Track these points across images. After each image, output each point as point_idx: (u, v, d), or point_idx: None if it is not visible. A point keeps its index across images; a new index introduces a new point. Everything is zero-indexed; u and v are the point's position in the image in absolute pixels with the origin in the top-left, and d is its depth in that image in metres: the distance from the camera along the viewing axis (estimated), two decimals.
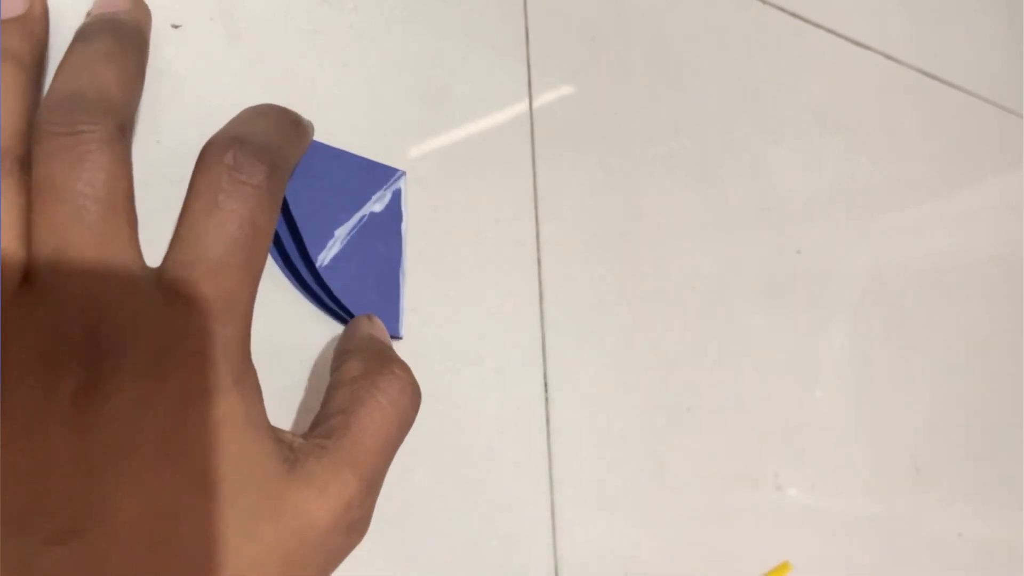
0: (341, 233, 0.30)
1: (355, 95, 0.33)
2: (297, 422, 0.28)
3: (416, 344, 0.32)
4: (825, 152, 0.51)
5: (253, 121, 0.23)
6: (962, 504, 0.51)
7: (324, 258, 0.29)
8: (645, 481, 0.37)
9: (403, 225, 0.32)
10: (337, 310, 0.30)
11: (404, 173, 0.33)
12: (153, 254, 0.21)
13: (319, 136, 0.32)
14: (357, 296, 0.30)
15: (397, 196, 0.32)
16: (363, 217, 0.31)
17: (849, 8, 0.56)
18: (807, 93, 0.51)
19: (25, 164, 0.18)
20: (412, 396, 0.22)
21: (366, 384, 0.22)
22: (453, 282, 0.33)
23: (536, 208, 0.37)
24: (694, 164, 0.44)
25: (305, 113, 0.32)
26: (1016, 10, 0.70)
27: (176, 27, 0.30)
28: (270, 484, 0.18)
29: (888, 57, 0.57)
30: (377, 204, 0.31)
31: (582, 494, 0.35)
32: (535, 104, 0.38)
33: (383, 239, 0.31)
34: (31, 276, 0.17)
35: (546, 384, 0.35)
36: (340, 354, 0.25)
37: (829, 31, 0.53)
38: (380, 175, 0.32)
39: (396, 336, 0.31)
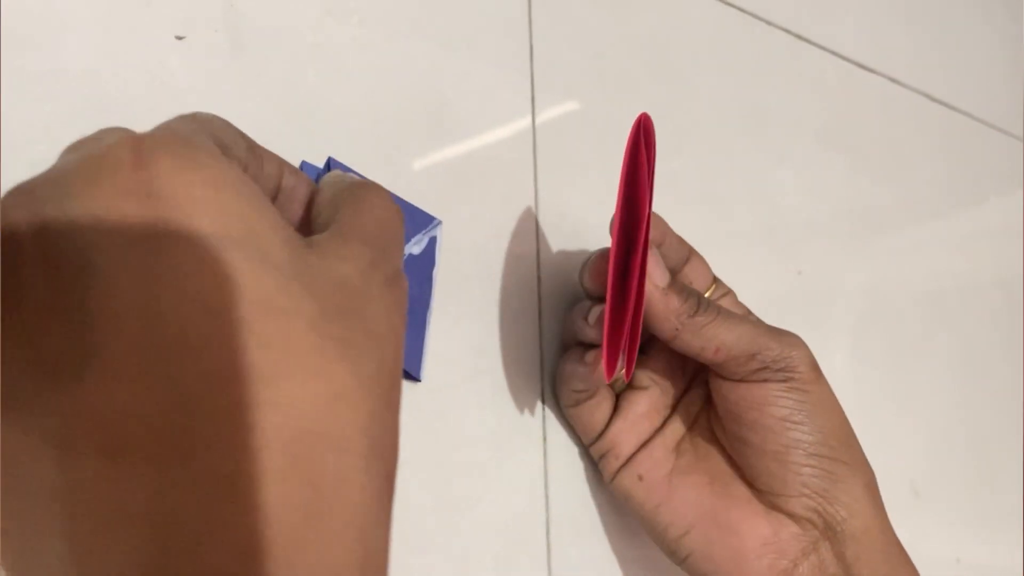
0: None
1: (358, 108, 0.33)
2: None
3: None
4: (827, 173, 0.51)
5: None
6: (960, 528, 0.51)
7: None
8: None
9: (435, 271, 0.32)
10: None
11: (441, 222, 0.33)
12: None
13: (326, 151, 0.32)
14: None
15: (433, 242, 0.33)
16: (403, 257, 0.31)
17: (853, 31, 0.56)
18: (810, 114, 0.51)
19: None
20: (395, 206, 0.22)
21: (348, 186, 0.21)
22: (453, 296, 0.33)
23: (537, 223, 0.37)
24: (696, 183, 0.44)
25: (307, 126, 0.32)
26: (1018, 35, 0.70)
27: (180, 38, 0.30)
28: (295, 250, 0.17)
29: (891, 80, 0.57)
30: (416, 247, 0.32)
31: (578, 513, 0.35)
32: (538, 120, 0.38)
33: (417, 281, 0.31)
34: None
35: (543, 401, 0.35)
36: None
37: (833, 53, 0.54)
38: (420, 220, 0.32)
39: (416, 378, 0.31)
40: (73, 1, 0.28)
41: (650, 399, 0.33)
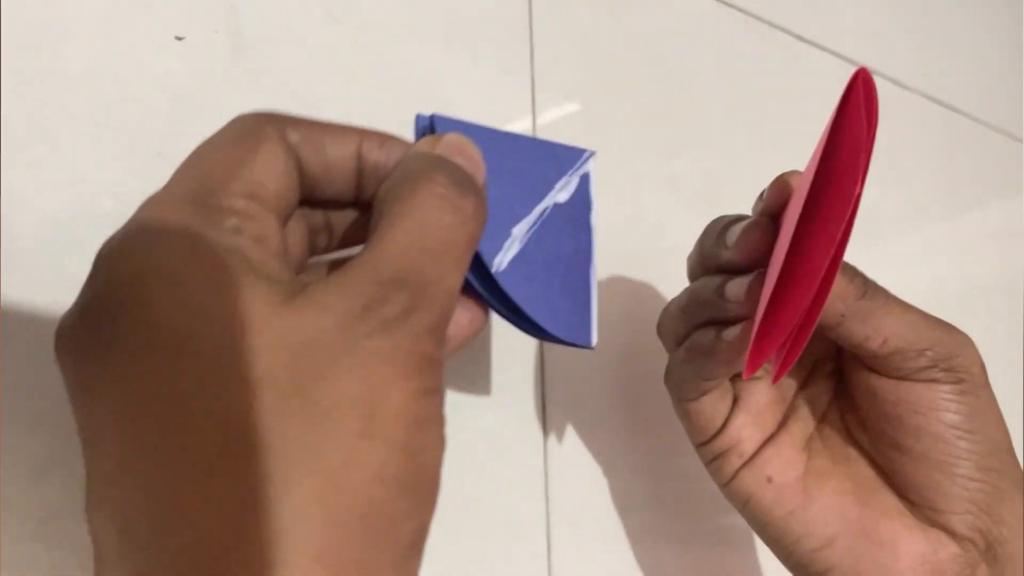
0: (520, 231, 0.25)
1: (359, 110, 0.33)
2: None
3: None
4: None
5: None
6: None
7: (500, 262, 0.24)
8: (641, 502, 0.36)
9: (593, 215, 0.27)
10: (515, 319, 0.25)
11: (593, 153, 0.28)
12: None
13: None
14: (541, 302, 0.25)
15: (585, 181, 0.27)
16: (545, 210, 0.26)
17: (855, 32, 0.56)
18: (812, 115, 0.51)
19: None
20: (459, 203, 0.19)
21: (407, 179, 0.19)
22: None
23: None
24: (696, 185, 0.44)
25: None
26: (1020, 37, 0.70)
27: (180, 39, 0.30)
28: (258, 315, 0.16)
29: (893, 81, 0.57)
30: (562, 193, 0.27)
31: (578, 514, 0.35)
32: (538, 121, 0.38)
33: (570, 233, 0.27)
34: None
35: (544, 403, 0.35)
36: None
37: (835, 54, 0.54)
38: (564, 159, 0.27)
39: (587, 346, 0.27)
40: (73, 2, 0.28)
41: (770, 389, 0.29)
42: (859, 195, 0.23)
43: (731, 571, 0.38)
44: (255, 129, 0.20)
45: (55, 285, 0.25)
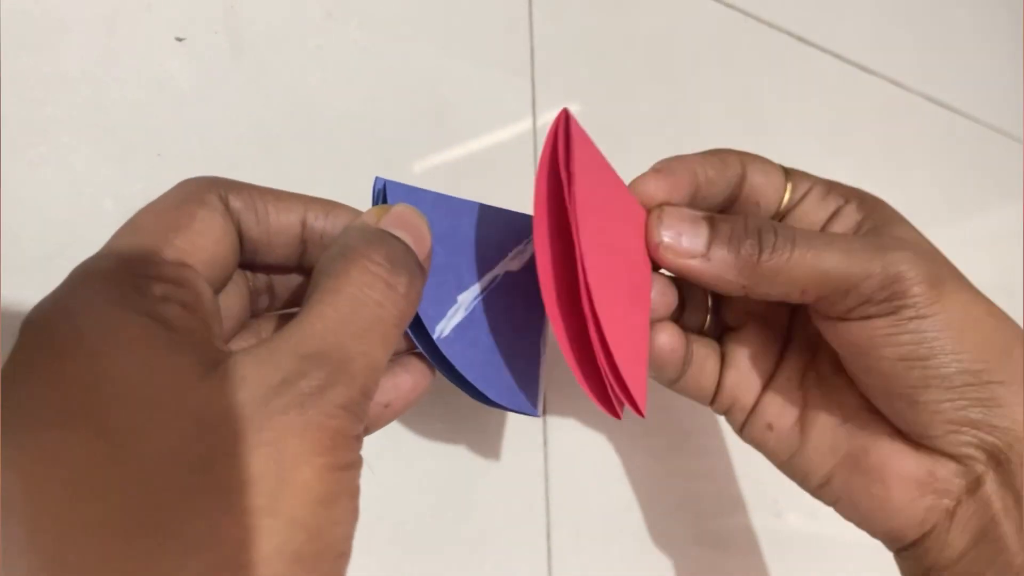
0: (466, 298, 0.25)
1: (359, 111, 0.33)
2: None
3: None
4: (830, 176, 0.51)
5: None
6: None
7: (444, 328, 0.24)
8: (642, 506, 0.36)
9: None
10: (459, 383, 0.25)
11: None
12: None
13: (322, 151, 0.32)
14: (485, 369, 0.25)
15: None
16: (495, 278, 0.26)
17: (856, 34, 0.56)
18: (813, 117, 0.51)
19: None
20: (391, 279, 0.20)
21: (339, 252, 0.20)
22: None
23: None
24: None
25: (308, 128, 0.32)
26: (1020, 38, 0.70)
27: (180, 40, 0.30)
28: (164, 390, 0.16)
29: (894, 83, 0.57)
30: (515, 261, 0.26)
31: (578, 518, 0.35)
32: (539, 122, 0.38)
33: (523, 302, 0.26)
34: None
35: (544, 404, 0.35)
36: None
37: (836, 56, 0.54)
38: (522, 227, 0.27)
39: (531, 415, 0.26)
40: (73, 3, 0.28)
41: (756, 335, 0.28)
42: (582, 250, 0.22)
43: (732, 572, 0.38)
44: (196, 195, 0.20)
45: (55, 285, 0.25)
